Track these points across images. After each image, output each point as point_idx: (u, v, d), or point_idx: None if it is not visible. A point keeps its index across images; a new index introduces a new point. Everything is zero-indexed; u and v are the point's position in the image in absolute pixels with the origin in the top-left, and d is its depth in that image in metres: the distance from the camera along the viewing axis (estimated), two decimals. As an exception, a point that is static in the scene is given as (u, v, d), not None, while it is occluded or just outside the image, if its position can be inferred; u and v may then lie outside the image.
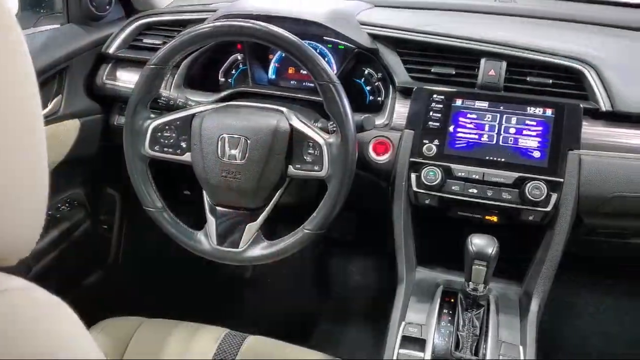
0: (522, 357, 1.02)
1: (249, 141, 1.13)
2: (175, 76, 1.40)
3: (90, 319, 0.71)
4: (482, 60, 1.24)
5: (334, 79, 1.08)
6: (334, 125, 1.10)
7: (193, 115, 1.17)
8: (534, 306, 1.12)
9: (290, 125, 1.13)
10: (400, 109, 1.27)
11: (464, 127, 1.18)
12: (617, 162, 1.13)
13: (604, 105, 1.15)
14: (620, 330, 1.84)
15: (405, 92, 1.27)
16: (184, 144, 1.18)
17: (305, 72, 1.30)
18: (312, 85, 1.36)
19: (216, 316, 1.33)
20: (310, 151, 1.13)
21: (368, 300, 1.98)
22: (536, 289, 1.13)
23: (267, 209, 1.17)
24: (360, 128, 1.15)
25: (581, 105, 1.15)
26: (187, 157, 1.18)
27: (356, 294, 2.02)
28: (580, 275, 1.91)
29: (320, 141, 1.11)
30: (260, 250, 1.17)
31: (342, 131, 1.08)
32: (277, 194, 1.17)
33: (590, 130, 1.16)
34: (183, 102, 1.29)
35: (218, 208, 1.19)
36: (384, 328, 1.15)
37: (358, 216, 2.00)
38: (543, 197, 1.10)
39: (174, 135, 1.18)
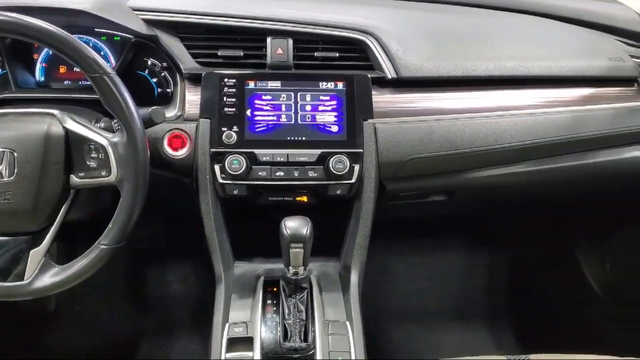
0: (349, 333, 1.01)
1: (15, 154, 0.96)
2: None
3: None
4: (269, 39, 1.20)
5: (107, 70, 0.95)
6: (118, 123, 0.98)
7: None
8: (354, 278, 1.12)
9: (65, 128, 0.98)
10: (192, 98, 1.18)
11: (261, 109, 1.14)
12: (408, 126, 1.18)
13: (389, 73, 1.18)
14: (431, 285, 1.98)
15: (195, 79, 1.19)
16: None
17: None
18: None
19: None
20: (93, 155, 0.99)
21: (193, 308, 1.87)
22: (353, 261, 1.14)
23: (52, 229, 1.01)
24: (148, 122, 1.04)
25: (369, 76, 1.17)
26: None
27: (178, 303, 1.89)
28: (392, 240, 2.01)
29: (103, 142, 0.98)
30: (51, 278, 1.00)
31: (127, 128, 0.97)
32: (62, 210, 1.01)
33: (381, 99, 1.19)
34: None
35: (-8, 238, 1.00)
36: None
37: (167, 220, 1.87)
38: (346, 169, 1.10)
39: None
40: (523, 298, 1.97)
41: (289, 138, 1.12)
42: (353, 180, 1.12)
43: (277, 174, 1.10)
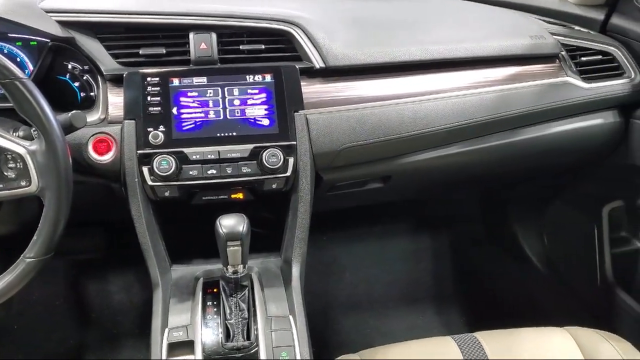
0: (293, 327, 1.00)
1: None
2: None
3: None
4: (191, 35, 1.17)
5: (18, 75, 0.90)
6: (36, 130, 0.93)
7: None
8: (295, 272, 1.11)
9: None
10: (115, 100, 1.14)
11: (188, 107, 1.11)
12: (340, 115, 1.17)
13: (317, 63, 1.18)
14: (379, 272, 1.99)
15: (117, 81, 1.14)
16: None
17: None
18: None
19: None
20: (10, 165, 0.94)
21: (138, 316, 1.82)
22: (294, 254, 1.12)
23: None
24: (69, 128, 0.99)
25: (297, 66, 1.16)
26: None
27: (123, 313, 1.84)
28: (338, 231, 2.02)
29: (21, 151, 0.93)
30: (-27, 297, 0.95)
31: (45, 134, 0.92)
32: (-17, 224, 0.96)
33: (311, 89, 1.18)
34: None
35: None
36: None
37: (105, 228, 1.82)
38: (280, 163, 1.08)
39: None
40: (467, 277, 2.01)
41: (219, 134, 1.09)
42: (288, 174, 1.10)
43: (209, 172, 1.08)
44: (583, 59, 1.38)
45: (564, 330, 1.17)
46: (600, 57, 1.39)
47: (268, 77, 1.14)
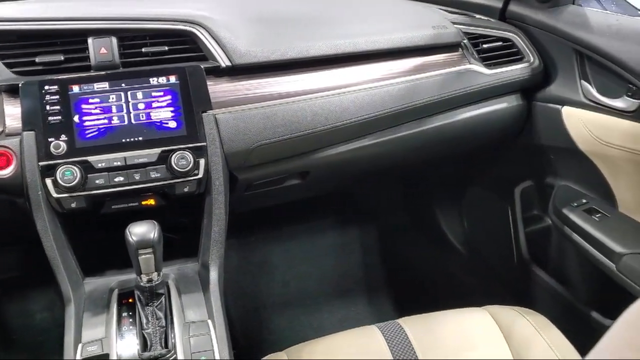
0: (211, 331, 0.99)
1: None
2: None
3: None
4: (90, 40, 1.13)
5: None
6: None
7: None
8: (213, 275, 1.09)
9: None
10: (13, 111, 1.08)
11: (90, 114, 1.07)
12: (250, 113, 1.17)
13: (223, 61, 1.16)
14: (310, 268, 2.00)
15: (14, 91, 1.09)
16: None
17: None
18: None
19: None
20: None
21: (62, 334, 1.75)
22: (211, 258, 1.11)
23: None
24: None
25: (202, 66, 1.14)
26: None
27: (46, 332, 1.76)
28: (266, 231, 2.01)
29: None
30: None
31: None
32: None
33: (218, 89, 1.16)
34: None
35: None
36: None
37: (20, 247, 1.74)
38: (191, 165, 1.06)
39: None
40: (395, 265, 2.05)
41: (124, 140, 1.06)
42: (200, 176, 1.08)
43: (117, 179, 1.05)
44: (484, 46, 1.43)
45: (483, 310, 1.22)
46: (500, 43, 1.44)
47: (173, 79, 1.12)
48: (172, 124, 1.09)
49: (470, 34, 1.42)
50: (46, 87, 1.07)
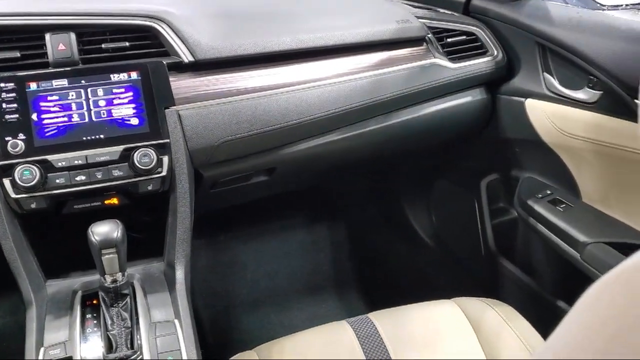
0: (178, 330, 0.97)
1: None
2: None
3: None
4: (47, 36, 1.10)
5: None
6: None
7: None
8: (179, 274, 1.07)
9: None
10: (-33, 110, 1.05)
11: (49, 112, 1.04)
12: (214, 109, 1.15)
13: (186, 57, 1.15)
14: (279, 266, 1.99)
15: (-33, 90, 1.05)
16: None
17: None
18: None
19: None
20: None
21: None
22: (177, 256, 1.09)
23: None
24: None
25: (164, 62, 1.12)
26: None
27: (10, 338, 1.71)
28: (234, 230, 1.99)
29: None
30: None
31: None
32: None
33: (181, 84, 1.14)
34: None
35: None
36: None
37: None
38: (154, 162, 1.04)
39: None
40: (365, 261, 2.05)
41: (85, 138, 1.04)
42: (163, 173, 1.06)
43: (78, 178, 1.02)
44: (449, 40, 1.44)
45: (452, 302, 1.22)
46: (464, 37, 1.46)
47: (134, 75, 1.09)
48: (134, 121, 1.07)
49: (435, 28, 1.43)
50: (2, 85, 1.03)
